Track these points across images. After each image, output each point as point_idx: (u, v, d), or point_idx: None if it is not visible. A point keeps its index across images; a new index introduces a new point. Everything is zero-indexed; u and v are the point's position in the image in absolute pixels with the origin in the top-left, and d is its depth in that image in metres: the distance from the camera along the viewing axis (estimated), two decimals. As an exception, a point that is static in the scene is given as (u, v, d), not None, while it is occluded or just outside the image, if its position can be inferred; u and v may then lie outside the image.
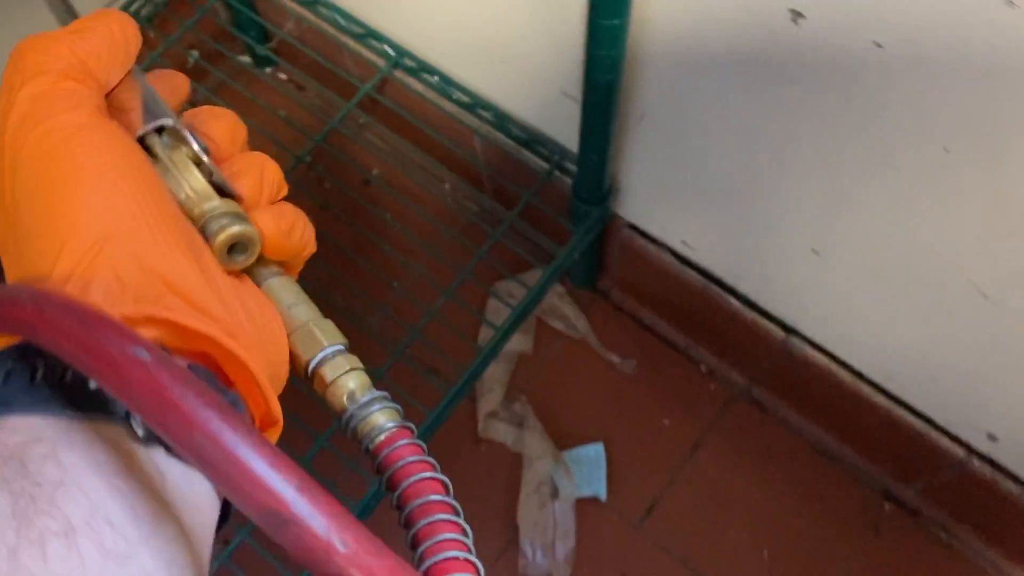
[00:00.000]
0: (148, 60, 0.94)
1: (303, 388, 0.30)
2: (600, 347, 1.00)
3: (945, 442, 0.82)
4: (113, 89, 0.29)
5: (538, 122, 0.88)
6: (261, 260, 0.29)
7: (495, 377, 0.99)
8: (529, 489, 0.94)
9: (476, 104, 0.90)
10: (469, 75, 0.90)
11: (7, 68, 0.27)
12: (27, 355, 0.22)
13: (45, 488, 0.20)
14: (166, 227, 0.25)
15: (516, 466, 0.96)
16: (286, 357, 0.28)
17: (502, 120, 0.89)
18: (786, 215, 0.73)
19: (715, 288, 0.88)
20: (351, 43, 0.97)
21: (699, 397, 0.99)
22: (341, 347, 0.28)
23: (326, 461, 0.79)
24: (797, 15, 0.56)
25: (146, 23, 0.97)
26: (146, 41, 0.98)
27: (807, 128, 0.63)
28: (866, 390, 0.84)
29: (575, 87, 0.78)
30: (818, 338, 0.84)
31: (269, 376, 0.25)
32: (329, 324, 0.29)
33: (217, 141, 0.29)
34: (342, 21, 0.94)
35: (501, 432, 0.97)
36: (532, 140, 0.89)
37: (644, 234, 0.90)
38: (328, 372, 0.28)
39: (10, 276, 0.26)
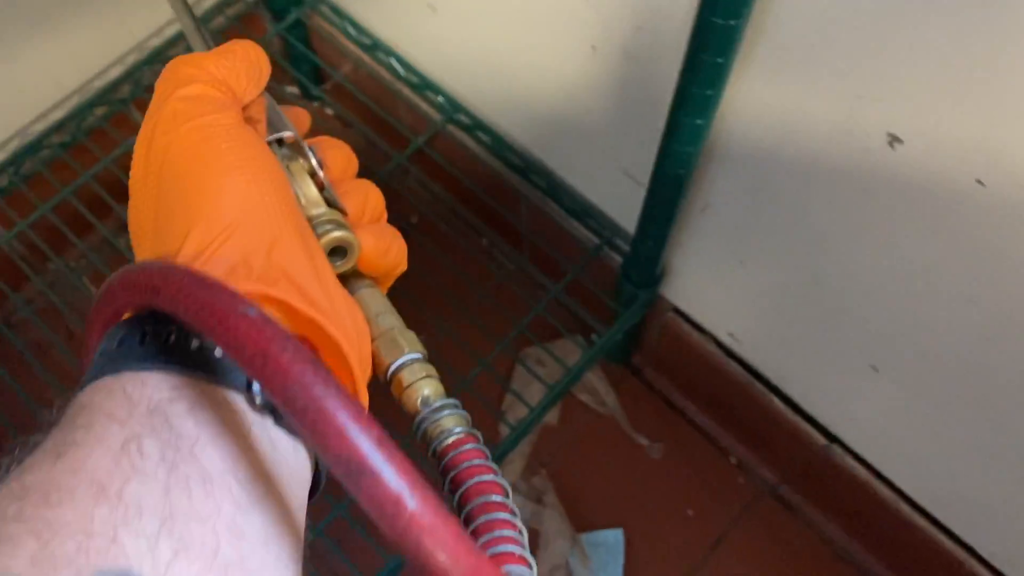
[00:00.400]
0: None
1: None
2: (628, 426, 0.97)
3: (985, 574, 0.78)
4: (247, 104, 0.33)
5: (592, 195, 0.85)
6: (356, 272, 0.32)
7: (517, 448, 0.95)
8: (543, 570, 0.90)
9: (529, 169, 0.87)
10: (525, 138, 0.87)
11: (161, 76, 0.31)
12: (135, 322, 0.25)
13: (185, 440, 0.22)
14: (289, 222, 0.28)
15: (532, 543, 0.92)
16: (370, 356, 0.30)
17: (554, 188, 0.87)
18: (849, 329, 0.70)
19: (758, 385, 0.84)
20: (406, 91, 0.95)
21: (726, 489, 0.95)
22: (420, 356, 0.30)
23: (342, 529, 0.76)
24: (895, 139, 0.54)
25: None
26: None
27: (889, 250, 0.61)
28: (905, 509, 0.81)
29: (638, 169, 0.76)
30: (862, 450, 0.81)
31: (357, 374, 0.28)
32: (411, 335, 0.31)
33: (331, 166, 0.33)
34: (400, 70, 0.92)
35: (519, 506, 0.93)
36: (583, 212, 0.86)
37: (689, 320, 0.87)
38: (406, 376, 0.30)
39: (143, 252, 0.28)
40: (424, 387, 0.29)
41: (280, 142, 0.32)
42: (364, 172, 0.35)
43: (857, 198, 0.59)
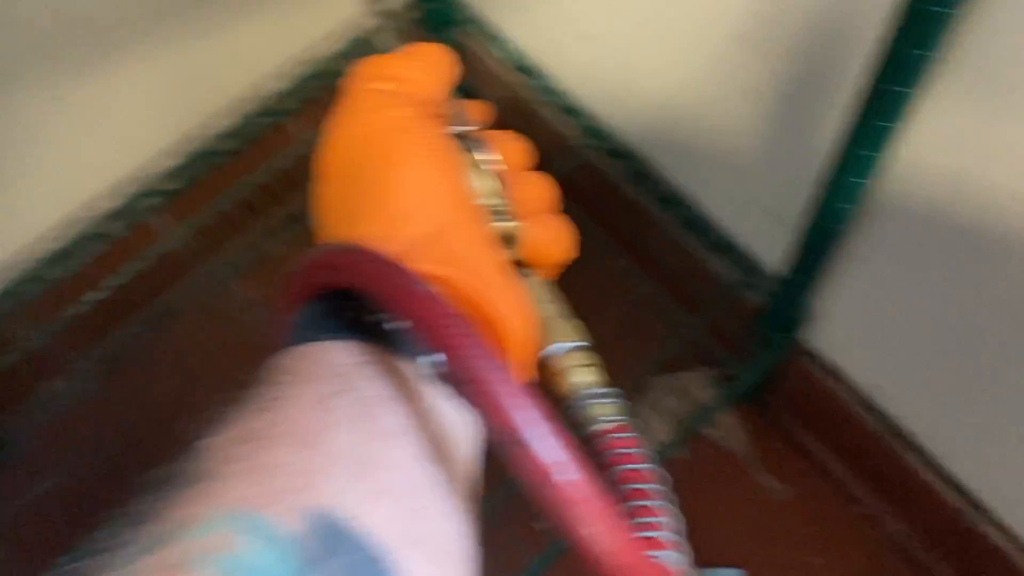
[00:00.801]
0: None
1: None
2: (756, 467, 0.95)
3: None
4: (431, 100, 0.34)
5: (734, 231, 0.83)
6: (525, 260, 0.33)
7: (639, 476, 0.95)
8: (657, 604, 0.89)
9: (670, 199, 0.87)
10: (669, 168, 0.87)
11: (352, 72, 0.33)
12: (321, 300, 0.27)
13: (368, 401, 0.25)
14: (462, 210, 0.29)
15: (646, 574, 0.92)
16: (535, 341, 0.31)
17: (696, 222, 0.85)
18: (1006, 393, 0.66)
19: (900, 441, 0.81)
20: (551, 114, 0.95)
21: (854, 540, 0.92)
22: (580, 344, 0.31)
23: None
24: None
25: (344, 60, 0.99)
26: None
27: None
28: (1053, 587, 0.76)
29: (787, 211, 0.74)
30: (1008, 521, 0.76)
31: (521, 354, 0.29)
32: (577, 323, 0.32)
33: (508, 159, 0.34)
34: (547, 92, 0.93)
35: (637, 535, 0.93)
36: (723, 247, 0.84)
37: (830, 366, 0.84)
38: (565, 361, 0.31)
39: (328, 232, 0.30)
40: (582, 373, 0.30)
41: (461, 135, 0.33)
42: None
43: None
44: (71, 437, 0.94)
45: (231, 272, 1.06)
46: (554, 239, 0.34)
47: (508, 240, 0.32)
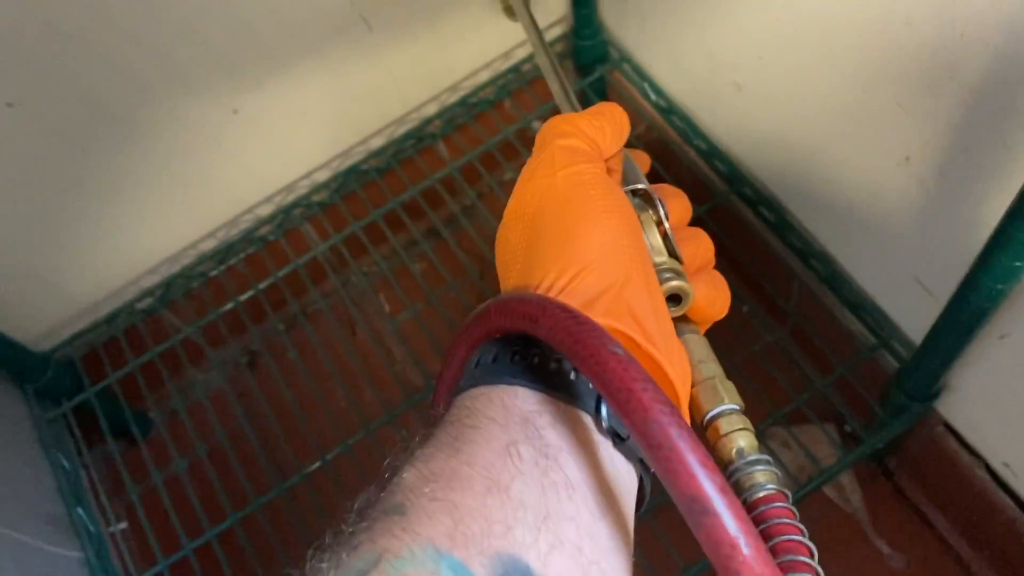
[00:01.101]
0: (503, 131, 0.99)
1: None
2: (870, 529, 0.93)
3: None
4: (608, 157, 0.37)
5: (874, 292, 0.82)
6: (683, 317, 0.34)
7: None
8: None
9: (810, 253, 0.86)
10: (810, 221, 0.86)
11: (543, 128, 0.36)
12: (506, 343, 0.28)
13: (552, 449, 0.26)
14: (639, 266, 0.31)
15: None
16: (688, 398, 0.32)
17: (833, 277, 0.85)
18: None
19: (1030, 524, 0.78)
20: (693, 156, 0.96)
21: (969, 618, 0.89)
22: (738, 408, 0.31)
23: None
24: None
25: (505, 94, 1.02)
26: (499, 109, 1.03)
27: None
28: None
29: (933, 281, 0.72)
30: None
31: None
32: (731, 385, 0.32)
33: (672, 214, 0.36)
34: (692, 135, 0.94)
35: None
36: (860, 307, 0.83)
37: (961, 440, 0.82)
38: (724, 425, 0.31)
39: (512, 275, 0.32)
40: (740, 438, 0.30)
41: (634, 192, 0.35)
42: None
43: None
44: (208, 422, 1.00)
45: (370, 281, 1.11)
46: (716, 298, 0.35)
47: (673, 299, 0.33)
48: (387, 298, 1.11)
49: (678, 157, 0.98)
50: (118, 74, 0.76)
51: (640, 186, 0.35)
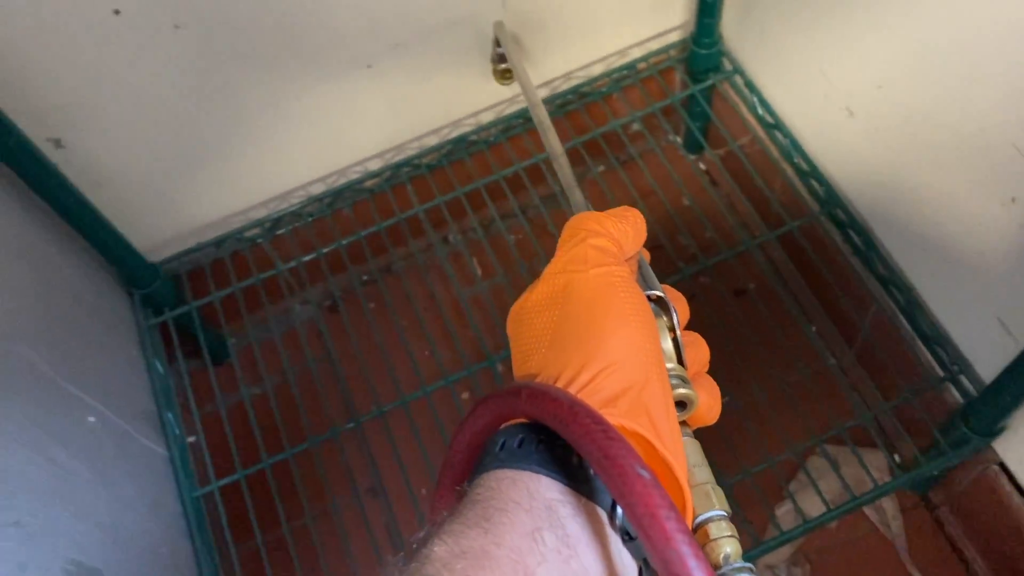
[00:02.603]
0: (629, 115, 1.03)
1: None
2: (907, 558, 0.96)
3: None
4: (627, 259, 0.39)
5: (952, 328, 0.85)
6: (681, 421, 0.36)
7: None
8: (780, 658, 0.92)
9: (893, 281, 0.89)
10: (897, 249, 0.89)
11: (572, 223, 0.39)
12: (531, 429, 0.30)
13: (572, 539, 0.27)
14: (657, 369, 0.33)
15: (775, 629, 0.95)
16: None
17: (912, 308, 0.87)
18: None
19: (1071, 572, 0.80)
20: (790, 172, 1.00)
21: (992, 658, 0.91)
22: (726, 514, 0.33)
23: None
24: None
25: (617, 89, 1.06)
26: (609, 102, 1.07)
27: None
28: None
29: (1016, 322, 0.75)
30: None
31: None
32: (720, 491, 0.34)
33: (680, 318, 0.38)
34: (792, 153, 0.97)
35: (774, 589, 0.96)
36: (934, 339, 0.86)
37: (1014, 481, 0.84)
38: (713, 530, 0.32)
39: (531, 361, 0.34)
40: (727, 545, 0.32)
41: (650, 297, 0.37)
42: (719, 225, 0.40)
43: None
44: (281, 357, 1.05)
45: (466, 242, 1.16)
46: (713, 406, 0.37)
47: (681, 405, 0.35)
48: (479, 263, 1.16)
49: (776, 172, 1.01)
50: (271, 13, 0.81)
51: (658, 293, 0.38)
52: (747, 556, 0.33)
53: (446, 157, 1.04)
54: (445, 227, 1.15)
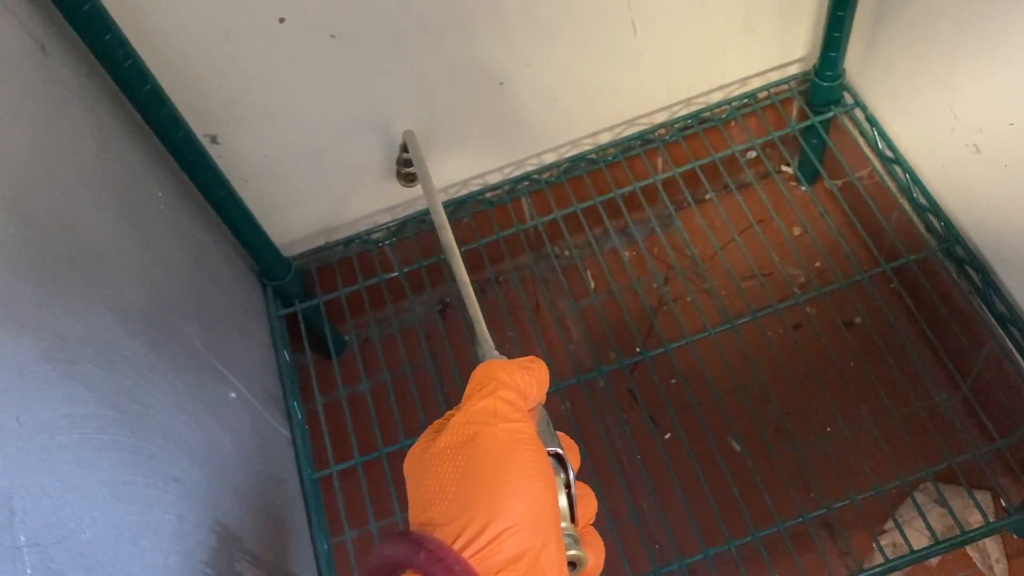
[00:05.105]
0: (747, 142, 1.05)
1: None
2: (1010, 602, 0.94)
3: None
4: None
5: (1071, 370, 0.84)
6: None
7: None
8: None
9: (1012, 322, 0.89)
10: (1019, 288, 0.88)
11: (481, 371, 0.40)
12: None
13: None
14: (555, 530, 0.36)
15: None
16: None
17: (1030, 348, 0.87)
18: None
19: None
20: (908, 207, 1.00)
21: None
22: None
23: None
24: None
25: (736, 116, 1.08)
26: (728, 128, 1.09)
27: None
28: None
29: None
30: None
31: None
32: None
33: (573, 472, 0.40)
34: (912, 188, 0.98)
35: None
36: (1052, 381, 0.85)
37: None
38: None
39: (435, 512, 0.35)
40: None
41: (549, 452, 0.39)
42: (836, 260, 0.41)
43: None
44: (400, 352, 1.10)
45: (566, 260, 1.20)
46: (599, 565, 0.39)
47: (572, 564, 0.37)
48: (593, 275, 1.19)
49: (893, 206, 1.01)
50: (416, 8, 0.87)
51: (557, 450, 0.39)
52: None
53: (564, 173, 1.07)
54: (561, 240, 1.18)
